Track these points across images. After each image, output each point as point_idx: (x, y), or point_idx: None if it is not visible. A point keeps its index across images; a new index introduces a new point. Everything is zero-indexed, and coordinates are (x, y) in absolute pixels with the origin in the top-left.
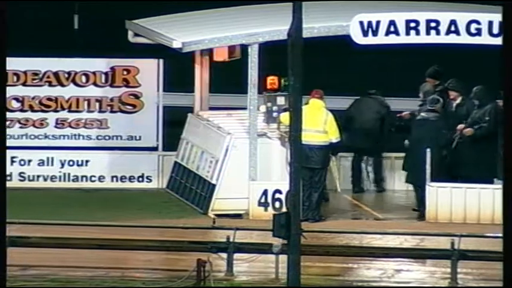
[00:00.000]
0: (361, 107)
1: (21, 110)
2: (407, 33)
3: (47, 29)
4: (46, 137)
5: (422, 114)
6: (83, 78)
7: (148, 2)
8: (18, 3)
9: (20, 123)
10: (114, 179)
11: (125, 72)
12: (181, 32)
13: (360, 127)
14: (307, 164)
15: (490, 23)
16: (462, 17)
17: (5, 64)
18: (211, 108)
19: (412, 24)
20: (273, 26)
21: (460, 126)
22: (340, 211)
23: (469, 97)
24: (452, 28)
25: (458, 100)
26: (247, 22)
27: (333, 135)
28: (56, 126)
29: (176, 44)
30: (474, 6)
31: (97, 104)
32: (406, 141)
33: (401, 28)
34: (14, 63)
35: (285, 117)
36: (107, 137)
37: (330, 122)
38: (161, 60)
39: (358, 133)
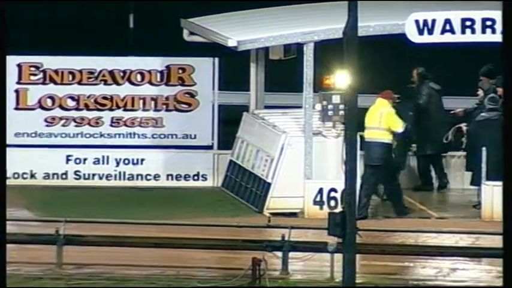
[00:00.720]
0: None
1: (77, 109)
2: (463, 32)
3: (102, 28)
4: (101, 135)
5: (483, 114)
6: (138, 77)
7: (203, 1)
8: (78, 3)
9: (75, 121)
10: (170, 177)
11: (180, 71)
12: (236, 30)
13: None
14: (369, 162)
15: None
16: None
17: (5, 64)
18: (266, 107)
19: (468, 23)
20: (329, 25)
21: None
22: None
23: None
24: None
25: None
26: (303, 21)
27: (394, 127)
28: (111, 125)
29: (231, 43)
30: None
31: (152, 103)
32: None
33: (457, 27)
34: (69, 62)
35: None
36: (162, 136)
37: (386, 116)
38: (216, 59)
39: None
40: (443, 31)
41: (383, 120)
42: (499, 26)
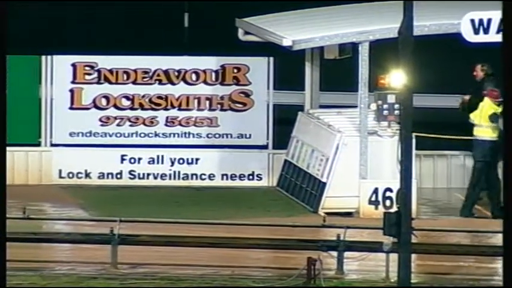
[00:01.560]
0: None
1: (132, 108)
2: None
3: (157, 28)
4: (156, 135)
5: None
6: (193, 77)
7: (259, 1)
8: (133, 3)
9: (130, 121)
10: (224, 177)
11: (235, 70)
12: (291, 30)
13: None
14: (475, 159)
15: None
16: None
17: (5, 64)
18: (321, 107)
19: None
20: (384, 24)
21: None
22: (452, 209)
23: None
24: None
25: None
26: (358, 20)
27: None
28: (166, 125)
29: (286, 42)
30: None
31: (207, 102)
32: None
33: None
34: (124, 62)
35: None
36: (217, 135)
37: (488, 113)
38: (271, 58)
39: None
40: (499, 30)
41: (482, 119)
42: None
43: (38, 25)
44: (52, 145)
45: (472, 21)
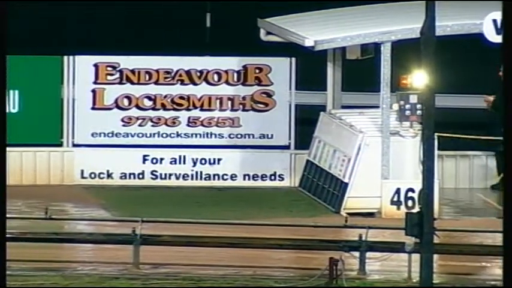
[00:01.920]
0: None
1: (154, 109)
2: None
3: (179, 28)
4: (178, 135)
5: None
6: (215, 77)
7: (280, 1)
8: (154, 3)
9: (152, 121)
10: (246, 177)
11: (257, 71)
12: (313, 30)
13: None
14: None
15: None
16: None
17: (5, 64)
18: (343, 107)
19: None
20: (406, 24)
21: None
22: (474, 210)
23: None
24: None
25: None
26: (380, 20)
27: None
28: (188, 125)
29: (308, 43)
30: None
31: (229, 103)
32: None
33: None
34: (146, 62)
35: None
36: (239, 136)
37: None
38: (293, 59)
39: None
40: None
41: None
42: None
43: (60, 25)
44: (74, 145)
45: (495, 21)
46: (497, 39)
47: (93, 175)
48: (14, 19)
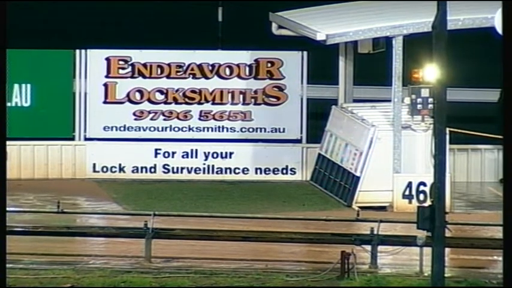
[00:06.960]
0: None
1: (165, 102)
2: None
3: (191, 22)
4: (190, 129)
5: None
6: (227, 71)
7: None
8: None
9: (164, 115)
10: (258, 171)
11: (269, 65)
12: (325, 24)
13: None
14: None
15: None
16: None
17: (5, 63)
18: (355, 101)
19: None
20: (418, 18)
21: None
22: (485, 203)
23: None
24: None
25: None
26: (392, 14)
27: None
28: (199, 119)
29: (320, 36)
30: None
31: (241, 97)
32: None
33: None
34: (158, 56)
35: None
36: (250, 129)
37: None
38: (305, 53)
39: None
40: None
41: None
42: None
43: (72, 19)
44: (86, 139)
45: None
46: None
47: (105, 169)
48: (26, 13)
